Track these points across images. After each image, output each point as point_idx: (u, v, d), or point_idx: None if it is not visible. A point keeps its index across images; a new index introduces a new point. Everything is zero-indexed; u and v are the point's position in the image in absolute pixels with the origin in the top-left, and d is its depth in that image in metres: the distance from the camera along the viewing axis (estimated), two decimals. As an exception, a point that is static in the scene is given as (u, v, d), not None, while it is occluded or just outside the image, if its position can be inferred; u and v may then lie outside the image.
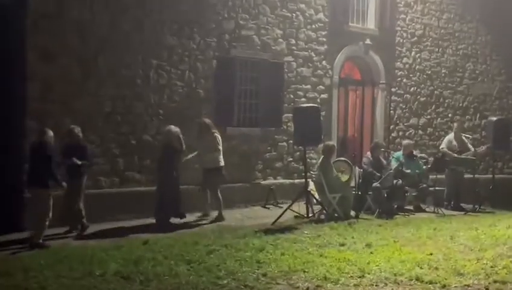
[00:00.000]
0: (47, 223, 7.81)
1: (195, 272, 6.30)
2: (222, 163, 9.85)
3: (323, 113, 11.65)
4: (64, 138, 8.46)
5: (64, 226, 8.55)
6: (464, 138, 12.47)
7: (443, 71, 14.78)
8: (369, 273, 6.35)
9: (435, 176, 11.79)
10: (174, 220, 9.36)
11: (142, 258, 6.75)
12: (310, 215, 9.97)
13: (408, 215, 10.87)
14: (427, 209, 11.56)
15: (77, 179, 8.46)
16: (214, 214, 9.85)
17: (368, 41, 12.98)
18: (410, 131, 14.14)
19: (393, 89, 13.49)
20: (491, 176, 12.68)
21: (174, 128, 9.42)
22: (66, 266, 6.37)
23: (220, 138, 9.87)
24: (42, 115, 8.82)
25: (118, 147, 9.75)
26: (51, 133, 7.98)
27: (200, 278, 6.05)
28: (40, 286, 5.71)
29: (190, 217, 9.69)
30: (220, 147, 9.78)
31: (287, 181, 11.92)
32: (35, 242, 7.67)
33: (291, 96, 12.06)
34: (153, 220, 9.29)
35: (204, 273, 6.25)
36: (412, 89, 14.18)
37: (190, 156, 9.65)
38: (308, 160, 11.31)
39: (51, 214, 7.83)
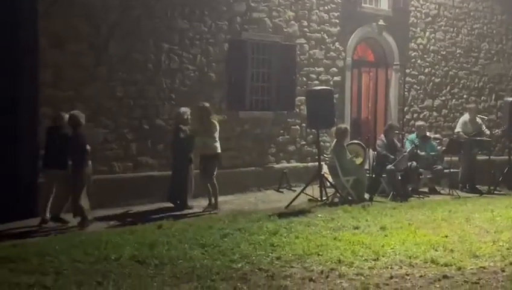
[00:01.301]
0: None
1: (209, 255, 6.32)
2: (219, 150, 9.49)
3: (336, 95, 11.57)
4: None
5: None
6: (478, 119, 12.34)
7: (458, 51, 14.58)
8: (383, 256, 6.33)
9: (449, 158, 11.69)
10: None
11: (157, 242, 6.78)
12: (324, 198, 9.94)
13: (423, 197, 10.80)
14: (442, 192, 11.49)
15: (80, 168, 8.20)
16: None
17: (381, 22, 12.84)
18: (425, 113, 14.01)
19: (407, 70, 13.35)
20: (507, 157, 12.55)
21: (183, 109, 9.39)
22: (81, 251, 6.41)
23: (217, 124, 9.44)
24: (55, 101, 8.85)
25: (130, 131, 9.77)
26: (67, 116, 8.13)
27: (215, 261, 6.07)
28: (55, 270, 5.76)
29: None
30: (217, 134, 9.39)
31: (300, 165, 11.89)
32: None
33: (304, 79, 11.98)
34: (167, 204, 9.33)
35: (219, 257, 6.26)
36: (427, 70, 14.02)
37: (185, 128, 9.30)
38: (322, 143, 11.26)
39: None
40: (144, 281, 5.46)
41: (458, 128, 12.28)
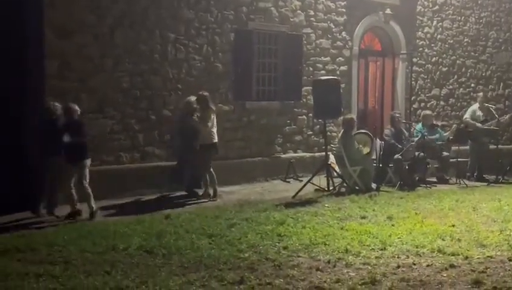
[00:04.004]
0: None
1: (216, 245, 6.35)
2: (216, 139, 9.39)
3: (343, 85, 11.50)
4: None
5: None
6: (489, 107, 12.32)
7: (465, 40, 14.48)
8: (390, 246, 6.34)
9: (457, 148, 11.65)
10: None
11: (164, 232, 6.82)
12: (331, 188, 9.94)
13: (430, 187, 10.78)
14: (449, 181, 11.45)
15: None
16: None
17: (388, 11, 12.77)
18: (432, 102, 13.94)
19: (414, 60, 13.28)
20: (514, 146, 12.51)
21: (192, 97, 9.40)
22: (90, 241, 6.45)
23: (212, 113, 9.37)
24: (61, 92, 8.85)
25: (137, 122, 9.78)
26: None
27: (222, 251, 6.09)
28: (64, 260, 5.81)
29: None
30: (211, 123, 9.28)
31: (307, 154, 11.89)
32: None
33: (311, 68, 11.94)
34: (174, 194, 9.38)
35: (226, 246, 6.29)
36: (434, 59, 13.94)
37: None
38: (328, 133, 11.24)
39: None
40: (151, 270, 5.50)
41: (467, 116, 12.27)
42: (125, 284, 5.04)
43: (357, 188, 9.95)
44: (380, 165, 10.78)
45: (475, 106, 12.38)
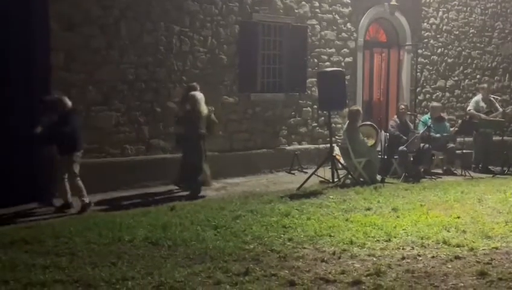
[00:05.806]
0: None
1: (222, 237, 6.37)
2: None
3: (348, 77, 11.52)
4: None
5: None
6: (492, 98, 12.26)
7: (471, 31, 14.40)
8: (395, 237, 6.35)
9: (462, 139, 11.62)
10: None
11: (170, 224, 6.85)
12: (335, 180, 9.95)
13: (435, 178, 10.77)
14: (456, 172, 11.44)
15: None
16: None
17: (393, 2, 12.72)
18: (437, 93, 13.90)
19: (419, 51, 13.22)
20: (520, 137, 12.46)
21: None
22: (96, 233, 6.48)
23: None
24: (67, 84, 8.87)
25: (142, 114, 9.79)
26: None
27: (227, 243, 6.11)
28: (70, 251, 5.84)
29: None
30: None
31: (312, 146, 11.89)
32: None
33: (315, 60, 11.92)
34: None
35: (231, 238, 6.31)
36: (439, 50, 13.88)
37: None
38: (333, 125, 11.23)
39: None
40: (157, 262, 5.53)
41: (470, 107, 12.24)
42: (130, 276, 5.07)
43: (361, 179, 9.95)
44: (385, 156, 10.77)
45: (478, 97, 12.33)
